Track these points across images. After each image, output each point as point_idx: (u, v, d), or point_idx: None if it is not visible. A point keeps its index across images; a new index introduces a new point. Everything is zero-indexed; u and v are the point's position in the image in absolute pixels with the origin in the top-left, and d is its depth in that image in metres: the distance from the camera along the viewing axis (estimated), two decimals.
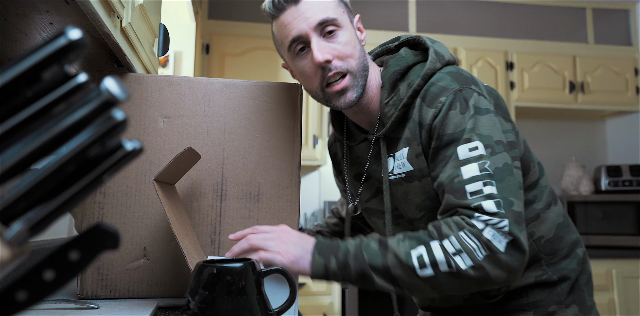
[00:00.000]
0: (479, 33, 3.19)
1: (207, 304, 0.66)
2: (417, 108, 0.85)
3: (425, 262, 0.73)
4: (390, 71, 0.90)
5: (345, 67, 0.85)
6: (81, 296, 0.91)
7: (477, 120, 0.79)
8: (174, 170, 0.86)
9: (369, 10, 3.11)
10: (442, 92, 0.82)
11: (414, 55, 0.91)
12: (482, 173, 0.75)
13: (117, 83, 0.29)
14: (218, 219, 0.97)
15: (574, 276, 0.91)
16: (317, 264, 0.77)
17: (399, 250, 0.75)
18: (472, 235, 0.72)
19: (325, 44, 0.85)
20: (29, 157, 0.28)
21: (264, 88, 1.03)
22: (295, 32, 0.85)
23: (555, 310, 0.89)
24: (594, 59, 3.19)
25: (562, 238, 0.92)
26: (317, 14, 0.84)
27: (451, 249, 0.73)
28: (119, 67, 1.00)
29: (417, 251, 0.74)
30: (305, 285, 2.44)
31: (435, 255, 0.73)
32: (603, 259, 2.67)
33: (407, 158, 0.87)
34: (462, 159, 0.77)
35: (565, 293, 0.90)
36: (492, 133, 0.79)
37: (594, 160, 3.44)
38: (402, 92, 0.87)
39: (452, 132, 0.79)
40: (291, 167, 1.01)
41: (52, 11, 0.70)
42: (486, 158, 0.76)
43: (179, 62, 2.47)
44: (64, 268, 0.30)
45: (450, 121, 0.80)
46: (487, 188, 0.74)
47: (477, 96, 0.82)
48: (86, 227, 0.93)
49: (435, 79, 0.85)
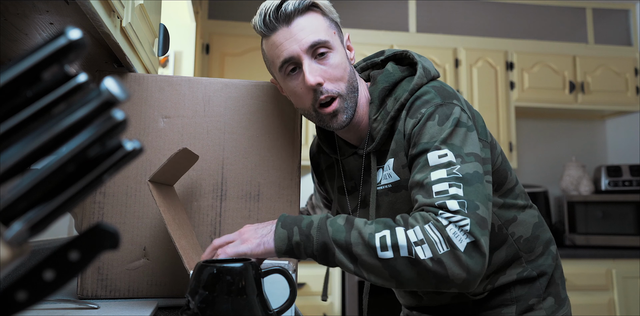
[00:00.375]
0: (479, 33, 3.19)
1: (207, 304, 0.66)
2: (402, 120, 0.87)
3: (387, 244, 0.73)
4: (379, 87, 0.92)
5: (336, 91, 0.87)
6: (81, 296, 0.91)
7: (454, 132, 0.82)
8: (170, 170, 0.86)
9: (369, 10, 3.11)
10: (424, 105, 0.85)
11: (401, 71, 0.93)
12: (449, 176, 0.77)
13: (117, 83, 0.29)
14: (218, 219, 0.97)
15: (550, 272, 0.98)
16: (280, 236, 0.77)
17: (364, 229, 0.75)
18: (435, 229, 0.73)
19: (317, 66, 0.86)
20: (29, 157, 0.28)
21: (264, 89, 1.03)
22: (287, 53, 0.86)
23: (535, 302, 0.95)
24: (594, 59, 3.19)
25: (538, 237, 0.98)
26: (309, 36, 0.85)
27: (414, 238, 0.73)
28: (119, 67, 1.00)
29: (380, 233, 0.74)
30: (305, 285, 2.44)
31: (398, 238, 0.73)
32: (603, 259, 2.66)
33: (393, 168, 0.89)
34: (432, 165, 0.80)
35: (543, 287, 0.96)
36: (464, 145, 0.81)
37: (594, 160, 3.44)
38: (389, 106, 0.90)
39: (427, 142, 0.82)
40: (291, 167, 1.01)
41: (52, 11, 0.70)
42: (455, 165, 0.79)
43: (179, 62, 2.47)
44: (64, 268, 0.30)
45: (427, 131, 0.82)
46: (453, 189, 0.76)
47: (459, 110, 0.84)
48: (86, 227, 0.93)
49: (420, 93, 0.87)
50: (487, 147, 0.88)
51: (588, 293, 2.62)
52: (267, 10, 0.86)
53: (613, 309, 2.63)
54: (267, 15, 0.85)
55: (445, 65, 3.03)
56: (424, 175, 0.79)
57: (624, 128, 3.39)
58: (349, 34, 0.96)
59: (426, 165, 0.80)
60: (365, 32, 2.97)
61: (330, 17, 0.90)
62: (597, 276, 2.64)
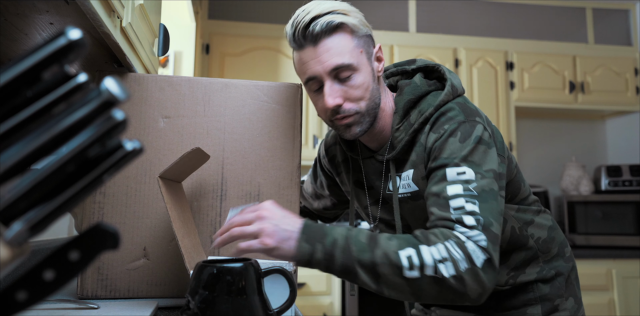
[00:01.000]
0: (479, 33, 3.19)
1: (207, 304, 0.66)
2: (425, 134, 0.90)
3: (414, 264, 0.74)
4: (404, 98, 0.94)
5: (355, 109, 0.89)
6: (81, 296, 0.91)
7: (474, 149, 0.84)
8: (180, 168, 0.87)
9: (369, 10, 3.11)
10: (448, 121, 0.88)
11: (428, 85, 0.95)
12: (465, 192, 0.80)
13: (117, 83, 0.29)
14: (218, 219, 0.97)
15: (567, 272, 1.01)
16: (303, 252, 0.75)
17: (389, 248, 0.75)
18: (457, 246, 0.75)
19: (338, 87, 0.88)
20: (29, 157, 0.28)
21: (264, 89, 1.03)
22: (311, 72, 0.88)
23: (559, 302, 0.98)
24: (594, 59, 3.19)
25: (554, 238, 1.02)
26: (332, 58, 0.86)
27: (438, 256, 0.74)
28: (119, 67, 1.00)
29: (406, 252, 0.75)
30: (305, 285, 2.44)
31: (425, 258, 0.74)
32: (603, 259, 2.66)
33: (413, 179, 0.92)
34: (449, 180, 0.82)
35: (562, 287, 0.99)
36: (483, 162, 0.84)
37: (594, 160, 3.44)
38: (413, 118, 0.92)
39: (447, 157, 0.84)
40: (291, 167, 1.01)
41: (52, 11, 0.70)
42: (472, 182, 0.81)
43: (179, 62, 2.47)
44: (64, 268, 0.30)
45: (448, 147, 0.85)
46: (469, 205, 0.79)
47: (481, 128, 0.87)
48: (86, 227, 0.93)
49: (445, 109, 0.90)
50: (504, 162, 0.91)
51: (588, 293, 2.62)
52: (297, 26, 0.87)
53: (613, 309, 2.63)
54: (296, 31, 0.87)
55: (445, 65, 3.03)
56: (440, 188, 0.82)
57: (624, 128, 3.39)
58: None
59: (444, 179, 0.83)
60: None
61: (359, 34, 0.89)
62: (597, 276, 2.64)
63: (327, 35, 0.86)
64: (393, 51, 2.99)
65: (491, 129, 0.91)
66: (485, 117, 0.92)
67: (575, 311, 1.00)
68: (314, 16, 0.86)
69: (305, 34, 0.86)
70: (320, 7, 0.87)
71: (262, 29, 2.93)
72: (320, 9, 0.87)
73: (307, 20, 0.86)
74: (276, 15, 3.00)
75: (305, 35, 0.86)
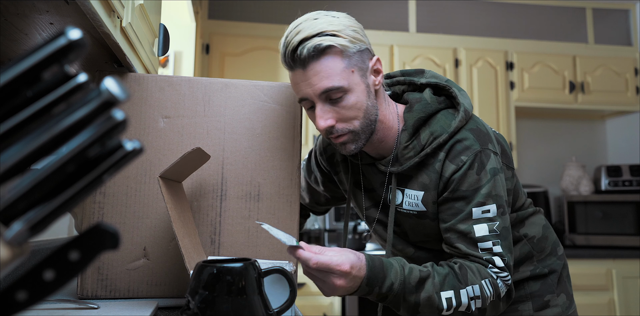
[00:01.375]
0: (479, 33, 3.19)
1: (207, 304, 0.66)
2: (440, 162, 0.93)
3: (452, 306, 0.85)
4: (415, 116, 0.94)
5: (347, 129, 0.89)
6: (81, 296, 0.91)
7: (495, 182, 0.91)
8: (181, 168, 0.87)
9: (369, 10, 3.11)
10: (465, 151, 0.91)
11: (438, 103, 0.96)
12: (491, 233, 0.89)
13: (117, 84, 0.29)
14: (218, 219, 0.97)
15: (559, 270, 1.05)
16: (361, 292, 0.84)
17: (432, 290, 0.84)
18: (491, 286, 0.87)
19: (329, 108, 0.88)
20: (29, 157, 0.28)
21: (264, 89, 1.03)
22: (302, 94, 0.89)
23: (550, 299, 1.02)
24: (594, 59, 3.19)
25: (547, 237, 1.06)
26: (322, 82, 0.85)
27: (472, 295, 0.85)
28: (119, 67, 1.00)
29: (446, 294, 0.85)
30: (305, 285, 2.44)
31: (462, 300, 0.85)
32: (603, 259, 2.66)
33: (422, 201, 0.95)
34: (475, 218, 0.90)
35: (554, 283, 1.04)
36: (499, 193, 0.92)
37: (594, 160, 3.44)
38: (423, 139, 0.93)
39: (466, 189, 0.90)
40: (291, 167, 1.01)
41: (52, 11, 0.70)
42: (495, 220, 0.90)
43: (179, 62, 2.47)
44: (64, 268, 0.30)
45: (467, 180, 0.90)
46: (496, 248, 0.89)
47: (493, 156, 0.92)
48: (86, 227, 0.93)
49: (461, 137, 0.92)
50: (514, 175, 1.01)
51: (588, 293, 2.62)
52: (287, 49, 0.86)
53: (613, 309, 2.63)
54: (286, 53, 0.87)
55: (445, 65, 3.03)
56: (467, 227, 0.89)
57: (624, 128, 3.39)
58: None
59: (469, 217, 0.90)
60: (365, 32, 2.97)
61: (349, 54, 0.87)
62: (597, 276, 2.64)
63: (315, 59, 0.85)
64: (393, 51, 2.99)
65: (500, 146, 0.97)
66: (493, 136, 0.97)
67: (567, 307, 1.03)
68: (302, 39, 0.84)
69: (294, 57, 0.86)
70: (309, 29, 0.85)
71: (262, 29, 2.93)
72: (309, 31, 0.85)
73: (296, 44, 0.85)
74: (276, 15, 3.00)
75: (294, 58, 0.86)
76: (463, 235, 0.90)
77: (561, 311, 1.02)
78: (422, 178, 0.94)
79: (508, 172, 0.98)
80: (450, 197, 0.91)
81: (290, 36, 0.86)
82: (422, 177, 0.94)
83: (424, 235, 1.00)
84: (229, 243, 0.97)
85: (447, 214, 0.92)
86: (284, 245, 0.98)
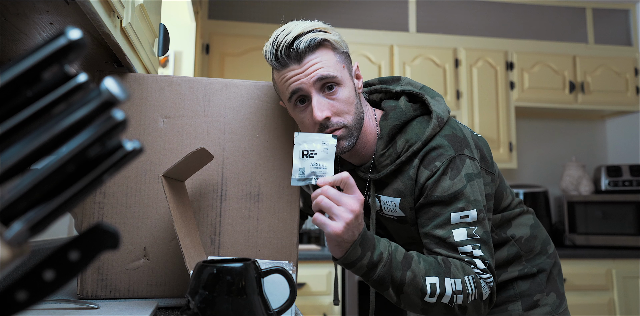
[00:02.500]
0: (479, 33, 3.19)
1: (207, 304, 0.66)
2: (414, 168, 0.93)
3: (436, 292, 0.83)
4: (390, 124, 0.95)
5: (342, 123, 0.90)
6: (81, 296, 0.91)
7: (472, 188, 0.90)
8: (184, 168, 0.87)
9: (369, 10, 3.11)
10: (439, 157, 0.92)
11: (413, 110, 0.97)
12: (470, 238, 0.89)
13: (117, 83, 0.29)
14: (218, 219, 0.97)
15: (549, 268, 1.05)
16: (353, 254, 0.81)
17: (418, 271, 0.83)
18: (473, 283, 0.86)
19: (325, 101, 0.89)
20: (29, 157, 0.28)
21: (264, 89, 1.03)
22: (295, 85, 0.89)
23: (539, 298, 1.02)
24: (594, 59, 3.19)
25: (536, 236, 1.06)
26: (318, 70, 0.88)
27: (454, 288, 0.84)
28: (119, 67, 1.00)
29: (431, 279, 0.84)
30: (305, 285, 2.44)
31: (446, 289, 0.84)
32: (603, 259, 2.66)
33: (400, 206, 0.96)
34: (453, 223, 0.89)
35: (543, 282, 1.04)
36: (481, 198, 0.92)
37: (594, 160, 3.44)
38: (399, 146, 0.95)
39: (440, 195, 0.90)
40: (291, 167, 1.01)
41: (52, 11, 0.70)
42: (475, 225, 0.89)
43: (179, 62, 2.47)
44: (64, 268, 0.30)
45: (440, 185, 0.90)
46: (476, 251, 0.88)
47: (469, 161, 0.92)
48: (86, 227, 0.93)
49: (435, 144, 0.93)
50: (494, 180, 0.99)
51: (588, 293, 2.62)
52: (280, 46, 0.88)
53: (613, 309, 2.63)
54: (279, 50, 0.88)
55: (445, 65, 3.03)
56: (445, 232, 0.89)
57: (624, 128, 3.39)
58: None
59: (447, 222, 0.89)
60: (365, 32, 2.97)
61: (340, 51, 0.92)
62: (597, 276, 2.64)
63: (311, 52, 0.88)
64: (393, 51, 2.99)
65: (480, 151, 0.97)
66: (472, 141, 0.96)
67: (557, 306, 1.04)
68: (296, 35, 0.87)
69: (290, 52, 0.87)
70: (301, 26, 0.89)
71: (262, 29, 2.93)
72: (302, 28, 0.88)
73: (290, 39, 0.87)
74: (276, 15, 3.00)
75: (290, 53, 0.88)
76: (442, 240, 0.89)
77: (551, 311, 1.02)
78: (397, 185, 0.95)
79: (487, 177, 0.98)
80: (426, 202, 0.92)
81: (281, 36, 0.88)
82: (397, 184, 0.95)
83: (408, 237, 1.02)
84: (229, 243, 0.97)
85: (424, 219, 0.92)
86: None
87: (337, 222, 0.78)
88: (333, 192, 0.78)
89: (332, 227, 0.78)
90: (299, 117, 0.93)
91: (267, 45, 0.91)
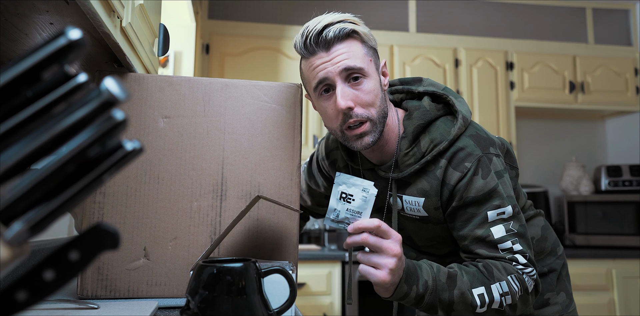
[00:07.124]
0: (479, 33, 3.19)
1: (207, 304, 0.66)
2: (442, 169, 0.93)
3: (485, 302, 0.85)
4: (414, 123, 0.96)
5: (366, 115, 0.90)
6: (81, 296, 0.91)
7: (503, 184, 0.92)
8: None
9: (369, 10, 3.11)
10: (467, 158, 0.92)
11: (437, 110, 0.97)
12: (508, 233, 0.90)
13: (117, 83, 0.29)
14: (218, 219, 0.97)
15: (559, 269, 1.08)
16: (400, 292, 0.83)
17: (463, 287, 0.84)
18: (517, 280, 0.87)
19: (350, 91, 0.89)
20: (29, 157, 0.28)
21: (264, 89, 1.03)
22: (322, 74, 0.89)
23: (550, 297, 1.05)
24: (594, 59, 3.19)
25: (546, 238, 1.08)
26: (344, 61, 0.88)
27: (502, 291, 0.86)
28: (119, 67, 1.00)
29: (478, 291, 0.85)
30: (305, 285, 2.44)
31: (494, 296, 0.85)
32: (603, 259, 2.66)
33: (424, 207, 0.96)
34: (490, 221, 0.90)
35: (554, 282, 1.06)
36: (509, 193, 0.92)
37: (594, 160, 3.44)
38: (424, 146, 0.95)
39: (475, 195, 0.91)
40: (291, 167, 1.01)
41: (52, 11, 0.70)
42: (510, 220, 0.90)
43: (179, 62, 2.47)
44: (64, 268, 0.30)
45: (474, 186, 0.91)
46: (516, 246, 0.89)
47: (495, 159, 0.93)
48: (86, 227, 0.93)
49: (461, 144, 0.93)
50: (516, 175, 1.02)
51: (588, 293, 2.62)
52: (309, 33, 0.89)
53: (613, 309, 2.63)
54: (308, 38, 0.89)
55: (445, 65, 3.03)
56: (484, 231, 0.90)
57: (624, 128, 3.39)
58: (385, 60, 0.98)
59: (485, 221, 0.90)
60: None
61: (368, 45, 0.93)
62: (597, 276, 2.64)
63: (339, 41, 0.89)
64: (393, 51, 2.99)
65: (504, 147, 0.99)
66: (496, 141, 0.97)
67: (567, 305, 1.06)
68: (326, 24, 0.89)
69: (319, 40, 0.88)
70: (331, 17, 0.91)
71: (262, 29, 2.93)
72: (332, 18, 0.90)
73: (320, 28, 0.89)
74: (276, 15, 3.00)
75: (318, 41, 0.89)
76: (481, 240, 0.90)
77: (561, 309, 1.03)
78: (421, 185, 0.95)
79: (512, 172, 1.00)
80: (461, 204, 0.92)
81: (312, 25, 0.90)
82: (421, 184, 0.95)
83: (428, 239, 1.01)
84: (229, 243, 0.97)
85: (460, 221, 0.92)
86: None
87: (382, 270, 0.79)
88: (372, 240, 0.79)
89: (378, 277, 0.79)
90: (322, 106, 0.93)
91: (297, 35, 0.92)
